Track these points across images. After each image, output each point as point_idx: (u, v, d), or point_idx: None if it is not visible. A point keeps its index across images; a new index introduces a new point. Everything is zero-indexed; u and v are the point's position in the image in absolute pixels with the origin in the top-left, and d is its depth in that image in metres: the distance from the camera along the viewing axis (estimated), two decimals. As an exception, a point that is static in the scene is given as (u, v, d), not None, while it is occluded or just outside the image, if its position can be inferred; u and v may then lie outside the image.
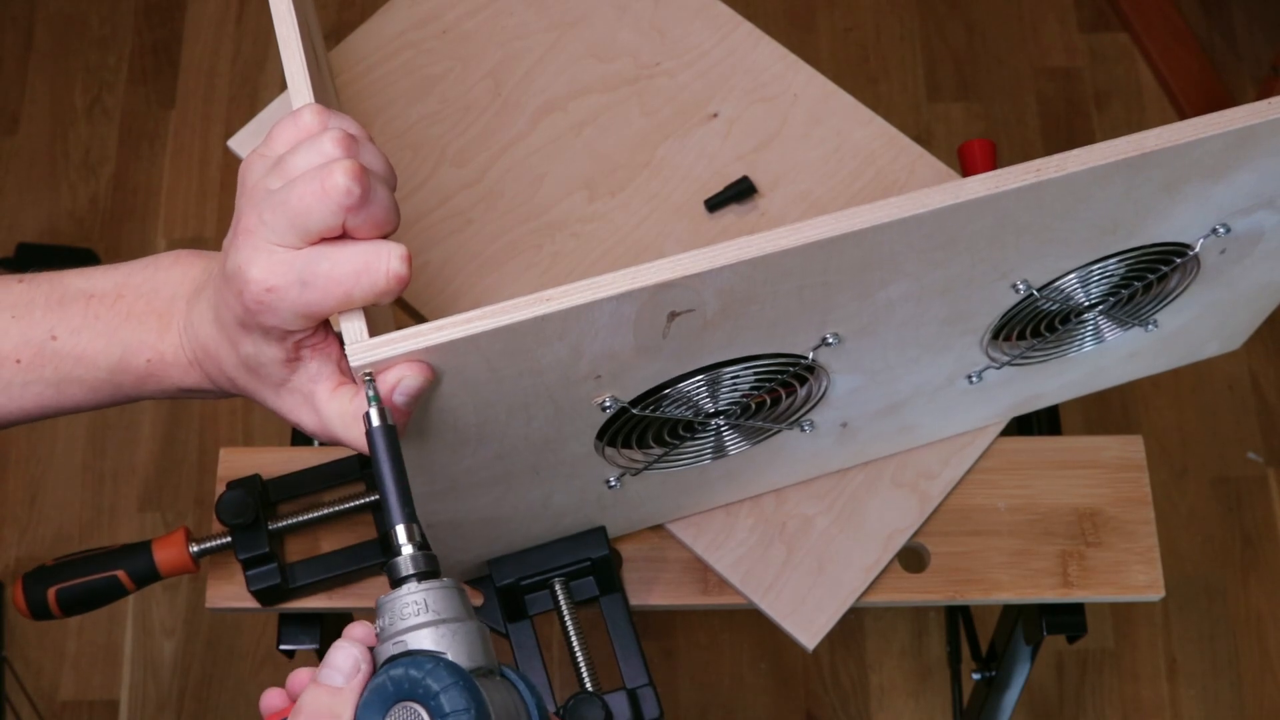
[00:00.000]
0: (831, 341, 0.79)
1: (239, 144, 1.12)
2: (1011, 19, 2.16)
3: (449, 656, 0.55)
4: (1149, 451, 1.06)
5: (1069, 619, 1.07)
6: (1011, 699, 1.34)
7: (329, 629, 1.04)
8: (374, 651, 0.58)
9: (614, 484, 0.88)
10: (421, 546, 0.59)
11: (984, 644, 1.42)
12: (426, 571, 0.58)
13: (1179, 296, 0.91)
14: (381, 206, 0.63)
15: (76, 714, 1.79)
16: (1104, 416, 1.87)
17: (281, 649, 1.04)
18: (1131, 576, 1.02)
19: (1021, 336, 0.89)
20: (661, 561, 1.02)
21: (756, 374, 0.80)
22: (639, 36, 1.15)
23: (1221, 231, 0.83)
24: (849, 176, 1.10)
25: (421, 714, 0.53)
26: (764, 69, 1.14)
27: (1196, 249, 0.84)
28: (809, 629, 0.98)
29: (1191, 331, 0.99)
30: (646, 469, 0.88)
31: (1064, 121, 2.09)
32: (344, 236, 0.64)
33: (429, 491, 0.79)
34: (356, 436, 0.66)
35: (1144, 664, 1.79)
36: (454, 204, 1.08)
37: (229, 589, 1.00)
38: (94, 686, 1.80)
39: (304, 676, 0.61)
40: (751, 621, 1.02)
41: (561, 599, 0.94)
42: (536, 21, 1.15)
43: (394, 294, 0.64)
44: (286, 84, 0.74)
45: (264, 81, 2.13)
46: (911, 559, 1.03)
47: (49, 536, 1.87)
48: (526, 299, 0.65)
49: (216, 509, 0.93)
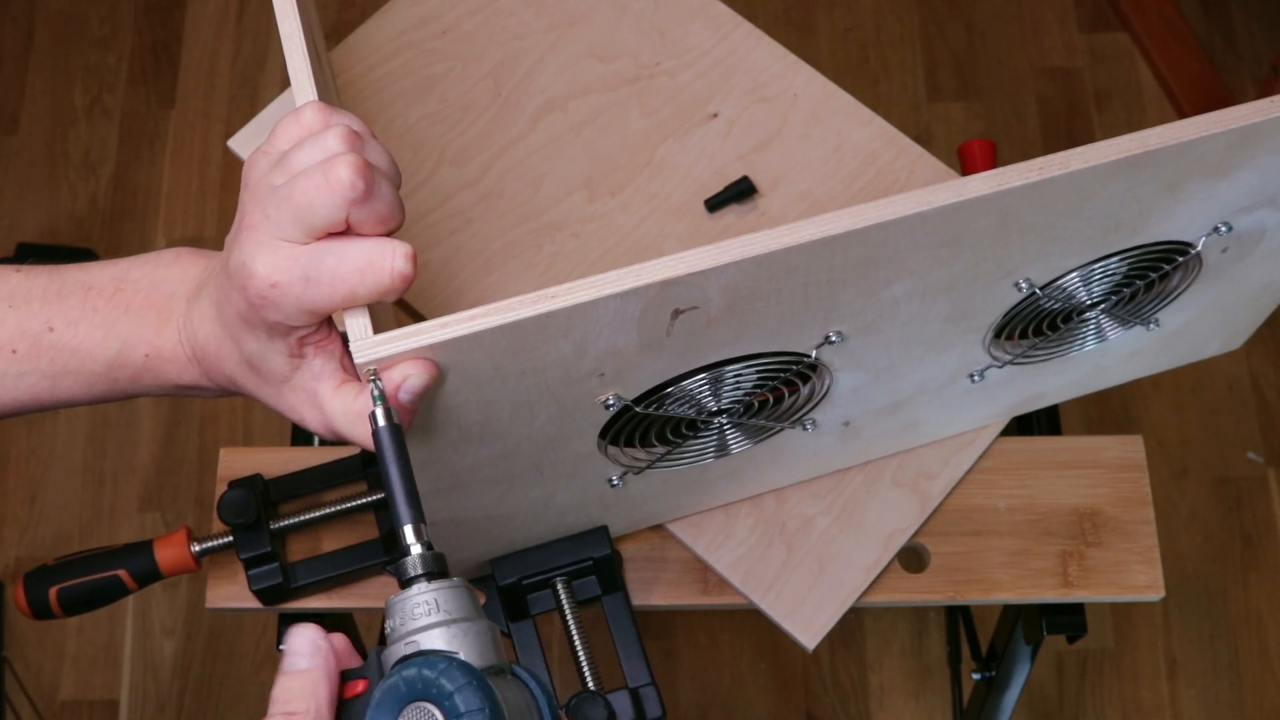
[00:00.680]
0: (835, 339, 0.79)
1: (239, 144, 1.12)
2: (1011, 19, 2.16)
3: (461, 656, 0.55)
4: (1149, 451, 1.06)
5: (1069, 619, 1.07)
6: (1011, 699, 1.34)
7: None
8: (384, 653, 0.57)
9: (616, 483, 0.88)
10: (429, 546, 0.59)
11: (984, 644, 1.42)
12: (435, 571, 0.58)
13: (1180, 295, 0.91)
14: (386, 202, 0.63)
15: (76, 714, 1.79)
16: (1104, 416, 1.87)
17: (281, 649, 1.03)
18: (1131, 576, 1.02)
19: (1024, 335, 0.89)
20: (662, 562, 1.02)
21: (759, 372, 0.80)
22: (639, 36, 1.15)
23: (1223, 230, 0.83)
24: (849, 176, 1.10)
25: (435, 714, 0.52)
26: (764, 69, 1.14)
27: (1198, 247, 0.84)
28: (809, 629, 0.98)
29: (1193, 330, 0.99)
30: (649, 468, 0.88)
31: (1064, 121, 2.09)
32: (349, 233, 0.64)
33: (431, 490, 0.79)
34: (361, 433, 0.66)
35: (1144, 664, 1.79)
36: (454, 204, 1.08)
37: (229, 589, 1.00)
38: (94, 686, 1.80)
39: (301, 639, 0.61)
40: (751, 621, 1.02)
41: (564, 598, 0.94)
42: (536, 21, 1.15)
43: (398, 292, 0.64)
44: (286, 83, 0.74)
45: (264, 81, 2.13)
46: (911, 559, 1.03)
47: (49, 536, 1.87)
48: (531, 296, 0.64)
49: (218, 508, 0.93)
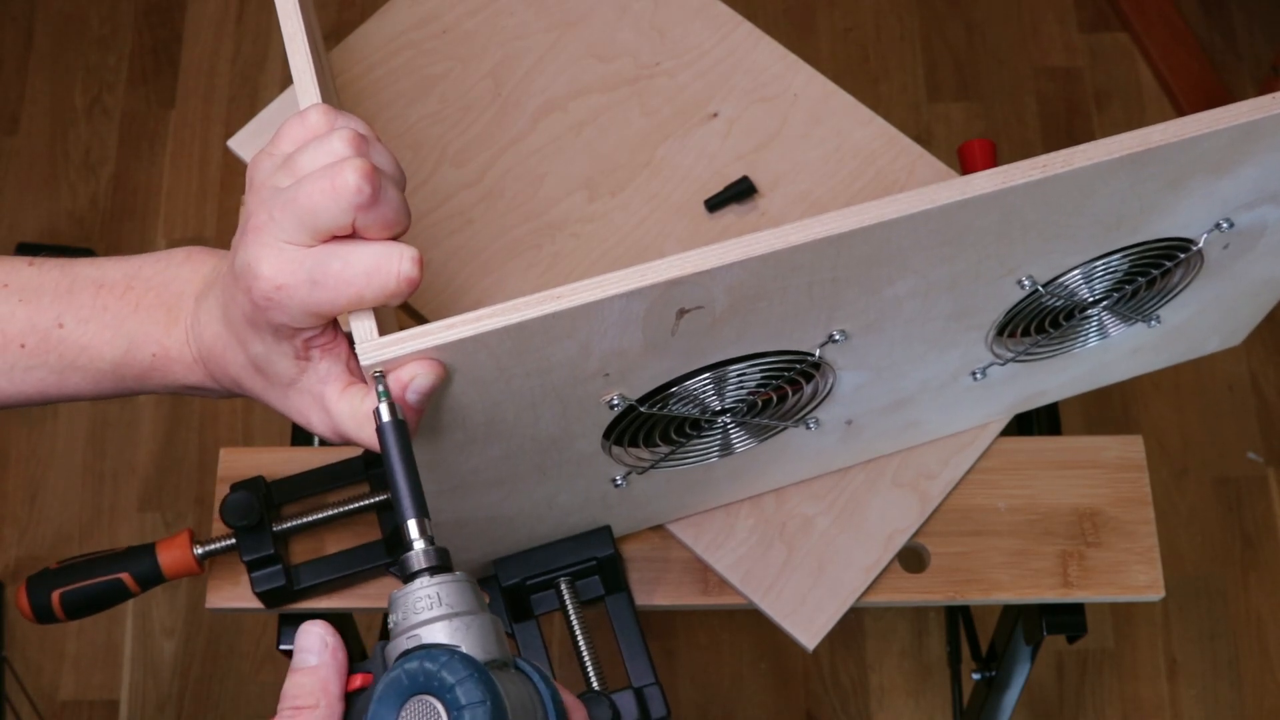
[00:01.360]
0: (838, 338, 0.79)
1: (239, 144, 1.12)
2: (1011, 19, 2.16)
3: (463, 649, 0.55)
4: (1149, 451, 1.06)
5: (1069, 619, 1.07)
6: (1011, 699, 1.34)
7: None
8: (387, 647, 0.58)
9: (620, 483, 0.88)
10: (433, 541, 0.59)
11: (984, 644, 1.42)
12: (439, 566, 0.58)
13: (1182, 292, 0.91)
14: (392, 206, 0.63)
15: (76, 714, 1.79)
16: (1104, 416, 1.87)
17: (282, 649, 1.03)
18: (1131, 576, 1.02)
19: (1026, 333, 0.89)
20: (662, 562, 1.02)
21: (763, 371, 0.80)
22: (639, 36, 1.15)
23: (1225, 226, 0.83)
24: (849, 176, 1.10)
25: (437, 707, 0.52)
26: (764, 69, 1.14)
27: (1200, 244, 0.84)
28: (809, 629, 0.98)
29: (1194, 327, 0.99)
30: (653, 467, 0.88)
31: (1064, 121, 2.09)
32: (354, 236, 0.64)
33: (435, 490, 0.79)
34: (369, 435, 0.66)
35: (1144, 664, 1.79)
36: (454, 204, 1.08)
37: (229, 589, 1.00)
38: (94, 686, 1.80)
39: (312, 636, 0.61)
40: (751, 621, 1.02)
41: (567, 598, 0.93)
42: (537, 21, 1.15)
43: (404, 296, 0.64)
44: (286, 83, 0.74)
45: (264, 81, 2.13)
46: (911, 559, 1.03)
47: (49, 536, 1.87)
48: (536, 296, 0.64)
49: (221, 511, 0.92)
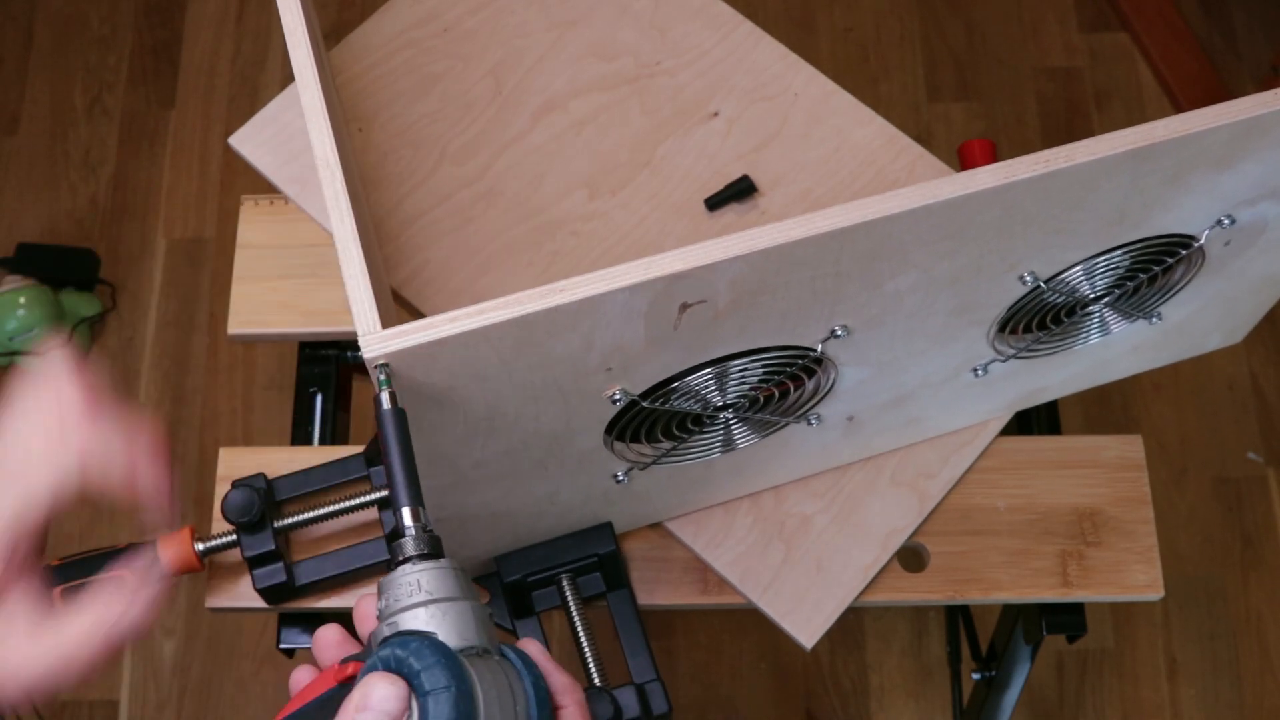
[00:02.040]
0: (840, 333, 0.79)
1: (239, 141, 1.12)
2: (1011, 19, 2.16)
3: (439, 636, 0.55)
4: (1149, 451, 1.06)
5: (1069, 619, 1.07)
6: (1011, 699, 1.34)
7: (325, 621, 1.03)
8: (372, 633, 0.58)
9: (621, 479, 0.88)
10: (426, 529, 0.59)
11: (984, 644, 1.42)
12: (426, 553, 0.58)
13: (1183, 288, 0.91)
14: None
15: (76, 714, 1.78)
16: (1104, 416, 1.87)
17: (281, 649, 1.03)
18: (1131, 576, 1.02)
19: (1028, 329, 0.89)
20: (663, 561, 1.01)
21: (765, 366, 0.80)
22: (640, 36, 1.15)
23: (1226, 223, 0.83)
24: (849, 176, 1.10)
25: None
26: (764, 68, 1.14)
27: (1201, 240, 0.84)
28: (807, 627, 0.98)
29: (1195, 324, 0.99)
30: (655, 463, 0.88)
31: (1064, 121, 2.09)
32: None
33: (437, 485, 0.79)
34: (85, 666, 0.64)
35: (1144, 664, 1.79)
36: (454, 202, 1.08)
37: (230, 588, 1.00)
38: (94, 686, 1.79)
39: (304, 674, 0.61)
40: (751, 621, 1.02)
41: (569, 595, 0.93)
42: (538, 20, 1.15)
43: None
44: (287, 82, 0.74)
45: (264, 81, 2.13)
46: (911, 559, 1.03)
47: (49, 537, 1.86)
48: (539, 290, 0.65)
49: (222, 508, 0.92)
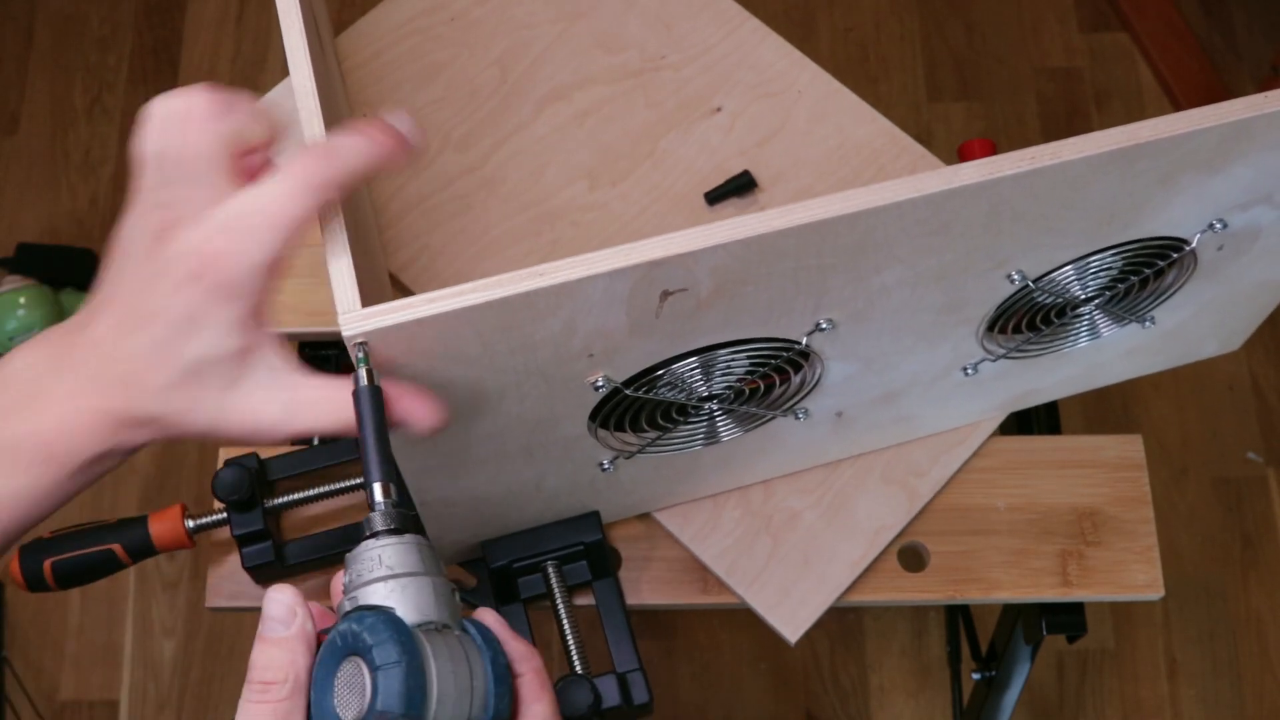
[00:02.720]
0: (825, 326, 0.79)
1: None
2: (1011, 19, 2.16)
3: (397, 610, 0.55)
4: (1149, 451, 1.06)
5: (1069, 619, 1.07)
6: (1011, 699, 1.34)
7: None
8: (337, 606, 0.58)
9: (607, 467, 0.88)
10: (397, 505, 0.59)
11: (984, 644, 1.42)
12: (391, 529, 0.58)
13: (1176, 293, 0.91)
14: (246, 103, 0.64)
15: (76, 714, 1.79)
16: (1104, 416, 1.87)
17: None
18: (1131, 576, 1.01)
19: (1018, 329, 0.89)
20: (662, 561, 1.02)
21: (750, 358, 0.80)
22: (646, 29, 1.15)
23: (1219, 227, 0.83)
24: (850, 174, 1.10)
25: (363, 667, 0.53)
26: (769, 65, 1.14)
27: (1193, 244, 0.84)
28: (792, 622, 0.98)
29: (1189, 329, 0.99)
30: (640, 452, 0.88)
31: (1064, 121, 2.08)
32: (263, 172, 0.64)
33: (420, 468, 0.80)
34: (335, 421, 0.65)
35: (1144, 664, 1.79)
36: (456, 188, 1.09)
37: (229, 588, 1.00)
38: (94, 686, 1.80)
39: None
40: (751, 621, 1.02)
41: (554, 582, 0.94)
42: (544, 11, 1.16)
43: (334, 181, 0.64)
44: (287, 76, 0.74)
45: (264, 81, 2.14)
46: (911, 558, 1.02)
47: (49, 537, 1.88)
48: (520, 273, 0.65)
49: (213, 485, 0.93)
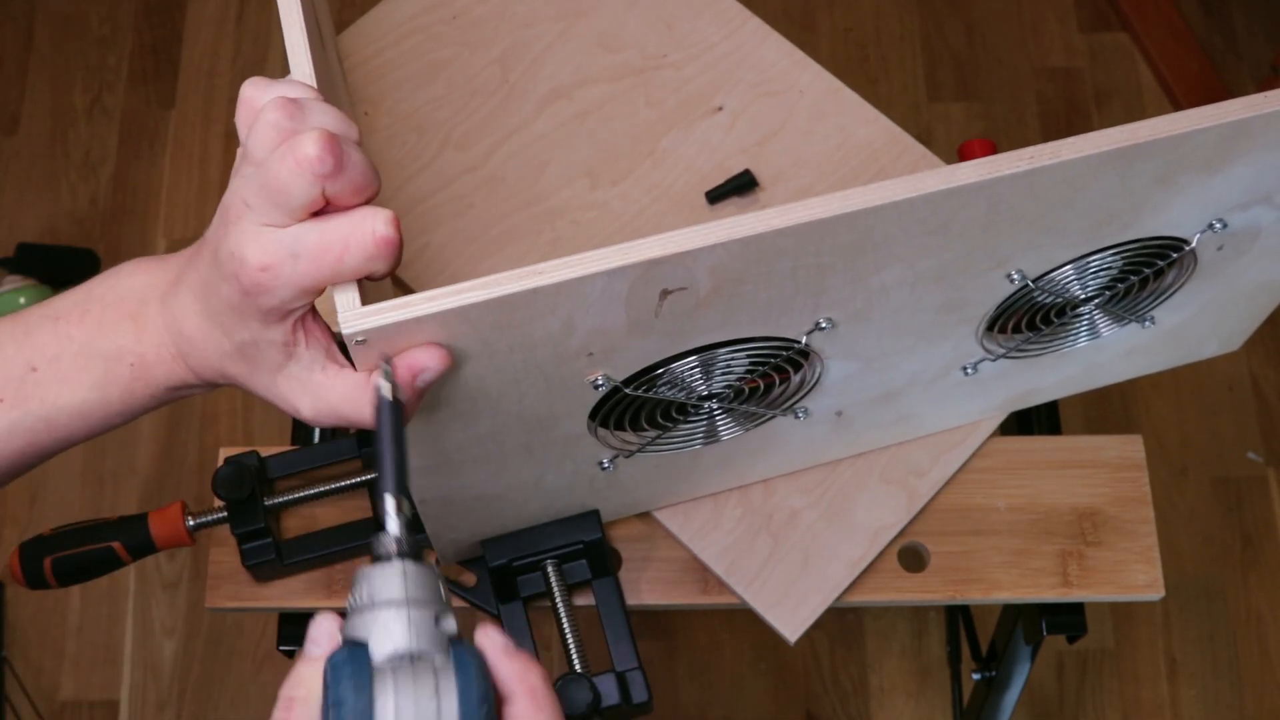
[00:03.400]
0: (825, 326, 0.79)
1: (242, 135, 1.13)
2: (1011, 19, 2.16)
3: (370, 643, 0.55)
4: (1149, 451, 1.06)
5: (1069, 619, 1.07)
6: (1011, 699, 1.34)
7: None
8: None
9: (607, 466, 0.88)
10: (405, 520, 0.58)
11: (984, 644, 1.42)
12: (380, 555, 0.57)
13: (1176, 293, 0.91)
14: (359, 170, 0.63)
15: (76, 714, 1.79)
16: (1104, 416, 1.87)
17: (281, 649, 1.04)
18: (1131, 576, 1.02)
19: (1017, 329, 0.89)
20: (662, 560, 1.02)
21: (750, 357, 0.80)
22: (647, 28, 1.15)
23: (1218, 227, 0.83)
24: (851, 174, 1.10)
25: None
26: (770, 64, 1.14)
27: (1193, 244, 0.84)
28: (791, 621, 0.98)
29: (1189, 329, 0.99)
30: (639, 451, 0.88)
31: (1064, 121, 2.08)
32: (330, 209, 0.64)
33: (421, 467, 0.80)
34: (361, 415, 0.66)
35: (1144, 664, 1.78)
36: (456, 187, 1.09)
37: (229, 589, 1.00)
38: (94, 686, 1.80)
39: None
40: (751, 621, 1.02)
41: (553, 580, 0.94)
42: (546, 10, 1.16)
43: (384, 259, 0.63)
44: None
45: (264, 81, 2.14)
46: (911, 559, 1.02)
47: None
48: (519, 271, 0.65)
49: (213, 483, 0.93)
